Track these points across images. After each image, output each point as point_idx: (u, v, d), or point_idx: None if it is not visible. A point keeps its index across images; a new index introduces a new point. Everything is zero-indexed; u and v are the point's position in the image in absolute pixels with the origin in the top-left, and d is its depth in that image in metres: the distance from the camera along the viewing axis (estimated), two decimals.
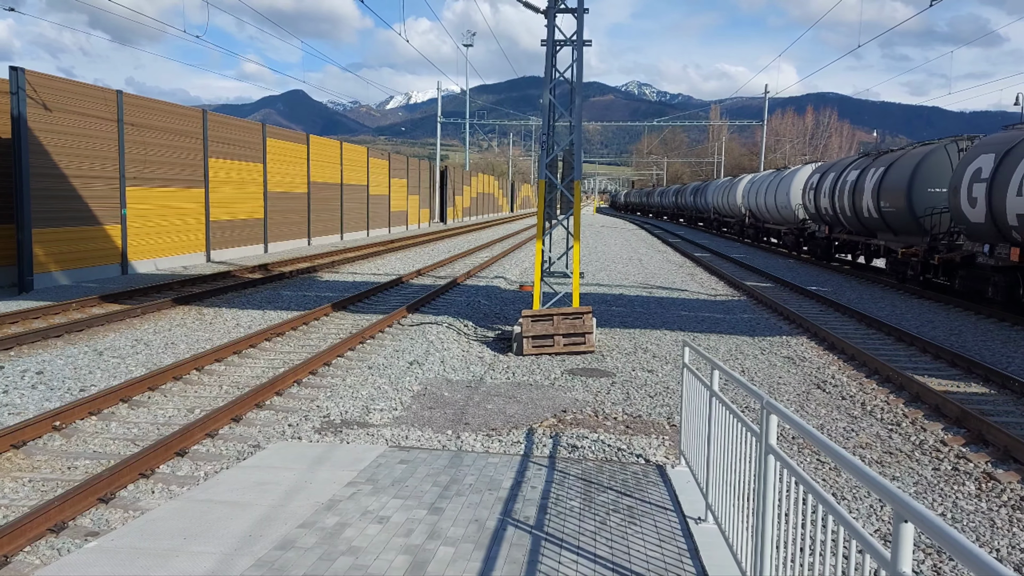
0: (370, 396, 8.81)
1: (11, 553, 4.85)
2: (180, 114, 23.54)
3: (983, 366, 10.44)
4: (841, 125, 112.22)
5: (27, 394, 8.67)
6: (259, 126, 28.95)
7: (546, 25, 12.54)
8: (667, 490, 5.78)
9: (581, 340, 11.45)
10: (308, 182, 32.98)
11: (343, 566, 4.36)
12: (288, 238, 31.17)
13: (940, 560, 5.10)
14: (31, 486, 6.11)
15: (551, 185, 12.82)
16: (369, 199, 41.19)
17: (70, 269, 18.54)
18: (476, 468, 6.18)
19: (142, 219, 21.47)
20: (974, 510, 6.04)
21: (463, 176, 69.27)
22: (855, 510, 5.95)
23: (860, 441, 7.77)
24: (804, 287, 19.99)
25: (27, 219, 16.94)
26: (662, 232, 51.93)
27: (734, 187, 44.29)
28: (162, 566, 4.31)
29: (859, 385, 9.98)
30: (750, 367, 11.02)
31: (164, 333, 12.48)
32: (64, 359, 10.37)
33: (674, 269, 25.74)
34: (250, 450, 7.01)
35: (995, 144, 16.10)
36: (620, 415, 8.39)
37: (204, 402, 8.59)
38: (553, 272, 14.05)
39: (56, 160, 18.07)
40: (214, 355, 10.38)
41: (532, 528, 4.98)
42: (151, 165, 21.87)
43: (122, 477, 6.02)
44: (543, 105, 12.74)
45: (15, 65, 16.89)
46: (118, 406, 8.24)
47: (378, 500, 5.40)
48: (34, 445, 6.96)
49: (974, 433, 7.79)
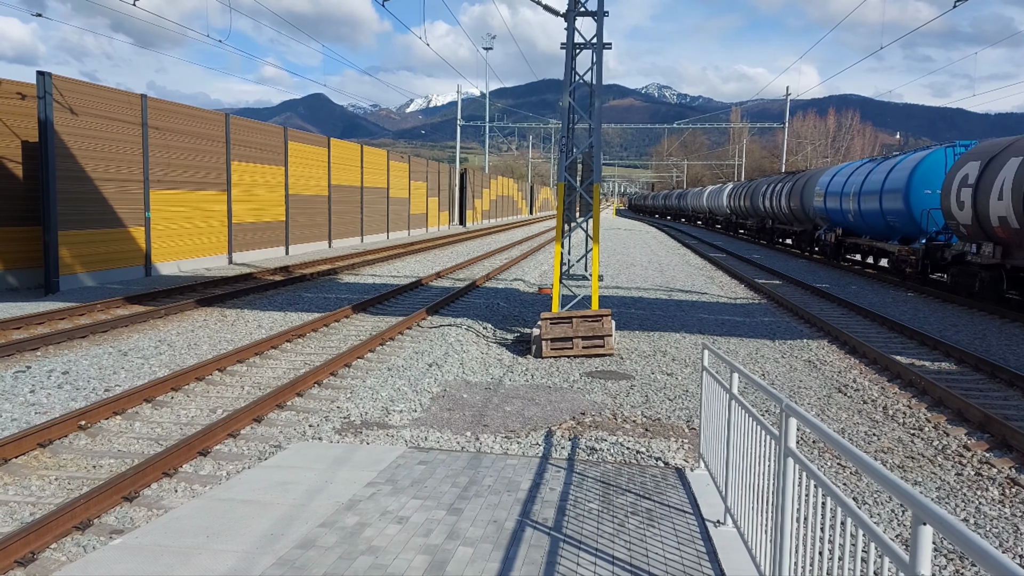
0: (390, 397, 8.86)
1: (38, 550, 4.94)
2: (203, 118, 23.79)
3: (1007, 370, 10.31)
4: (864, 127, 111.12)
5: (53, 393, 8.81)
6: (280, 129, 29.19)
7: (565, 28, 12.56)
8: (686, 493, 5.77)
9: (600, 343, 11.44)
10: (329, 185, 33.20)
11: (363, 565, 4.39)
12: (309, 240, 31.38)
13: (963, 566, 5.06)
14: (57, 484, 6.21)
15: (570, 188, 12.83)
16: (389, 202, 41.39)
17: (95, 271, 18.79)
18: (495, 469, 6.20)
19: (165, 221, 21.72)
20: (997, 515, 5.98)
21: (482, 179, 69.40)
22: (876, 515, 5.91)
23: (882, 445, 7.71)
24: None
25: (53, 221, 17.19)
26: (682, 235, 51.77)
27: (736, 190, 46.57)
28: (185, 564, 4.37)
29: (881, 389, 9.90)
30: (770, 371, 10.96)
31: (187, 334, 12.62)
32: (89, 359, 10.52)
33: (693, 272, 25.64)
34: (271, 450, 7.08)
35: (979, 153, 17.77)
36: (639, 418, 8.38)
37: (226, 402, 8.68)
38: (572, 275, 14.06)
39: (82, 163, 18.33)
40: (236, 356, 10.49)
41: (550, 529, 5.00)
42: (174, 168, 22.12)
43: (146, 476, 6.10)
44: (562, 108, 12.76)
45: (42, 70, 17.17)
46: (142, 406, 8.35)
47: (398, 500, 5.44)
48: (60, 444, 7.07)
49: (998, 438, 7.71)
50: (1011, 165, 15.64)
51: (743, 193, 46.97)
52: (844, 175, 27.85)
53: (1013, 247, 15.88)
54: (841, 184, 27.46)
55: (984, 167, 16.87)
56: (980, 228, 16.88)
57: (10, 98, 17.39)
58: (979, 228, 16.93)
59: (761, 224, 43.57)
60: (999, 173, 16.00)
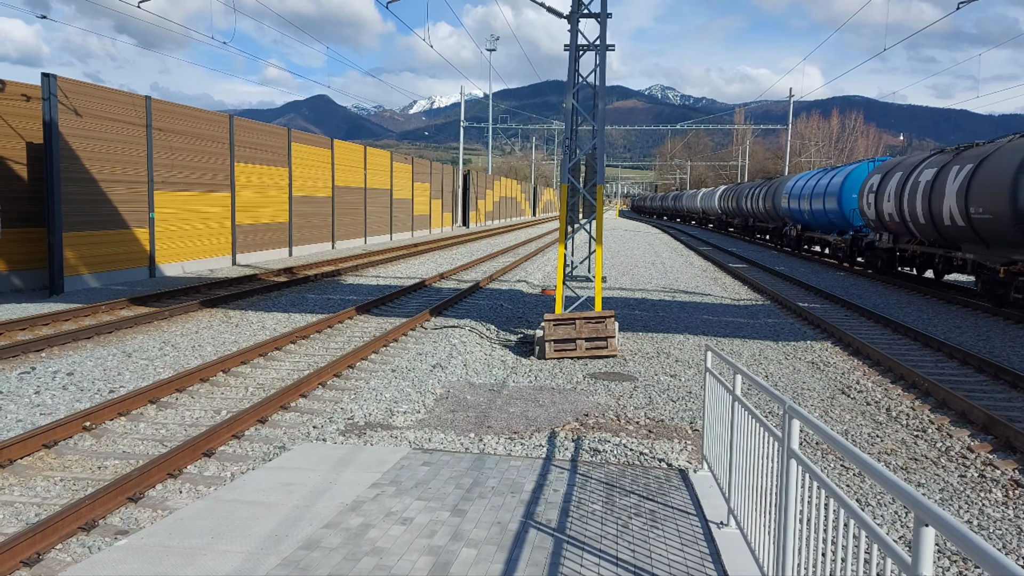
0: (393, 399, 8.88)
1: (43, 550, 4.96)
2: (207, 119, 23.85)
3: (1011, 372, 10.29)
4: (867, 128, 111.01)
5: (58, 395, 8.84)
6: (284, 131, 29.24)
7: (569, 30, 12.57)
8: (689, 494, 5.78)
9: (603, 344, 11.45)
10: (332, 186, 33.26)
11: (367, 566, 4.41)
12: (313, 242, 31.43)
13: (966, 567, 5.06)
14: (62, 485, 6.23)
15: (573, 189, 12.84)
16: (392, 203, 41.44)
17: (100, 272, 18.84)
18: (498, 471, 6.21)
19: (169, 223, 21.77)
20: (1001, 517, 5.98)
21: (486, 180, 69.44)
22: (879, 516, 5.91)
23: (885, 447, 7.71)
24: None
25: (58, 223, 17.25)
26: (681, 234, 51.82)
27: (712, 193, 56.57)
28: (190, 564, 4.39)
29: (884, 391, 9.90)
30: (774, 372, 10.96)
31: (191, 335, 12.65)
32: (94, 360, 10.55)
33: (696, 273, 25.63)
34: (276, 451, 7.10)
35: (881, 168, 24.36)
36: (642, 419, 8.38)
37: (230, 403, 8.71)
38: (575, 276, 14.07)
39: (86, 165, 18.39)
40: (240, 357, 10.52)
41: (554, 531, 5.01)
42: (178, 169, 22.18)
43: (151, 477, 6.13)
44: (566, 110, 12.77)
45: (47, 71, 17.23)
46: (146, 407, 8.38)
47: (401, 501, 5.46)
48: (65, 445, 7.09)
49: (1001, 440, 7.70)
50: (897, 177, 22.25)
51: (730, 196, 53.50)
52: (803, 182, 34.30)
53: (899, 236, 23.02)
54: (800, 189, 33.96)
55: (881, 178, 23.54)
56: (880, 222, 23.72)
57: (15, 100, 17.45)
58: (879, 222, 23.77)
59: (745, 222, 50.03)
60: (889, 183, 22.68)
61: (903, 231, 22.12)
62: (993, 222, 16.37)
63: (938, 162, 20.06)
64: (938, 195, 18.98)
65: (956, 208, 17.92)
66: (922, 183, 20.10)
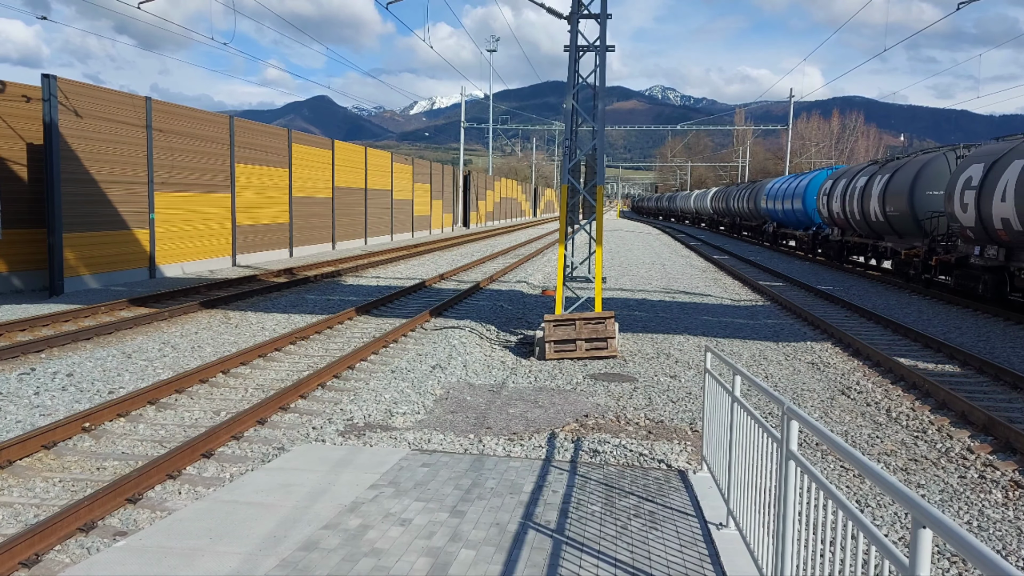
0: (393, 400, 8.88)
1: (42, 551, 4.96)
2: (207, 120, 23.86)
3: (1011, 373, 10.29)
4: (868, 129, 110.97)
5: (57, 396, 8.84)
6: (284, 132, 29.25)
7: (569, 31, 12.57)
8: (688, 495, 5.78)
9: (603, 345, 11.45)
10: (333, 187, 33.27)
11: (366, 567, 4.41)
12: (313, 242, 31.44)
13: (965, 569, 5.05)
14: (61, 486, 6.23)
15: (573, 190, 12.84)
16: (393, 204, 41.45)
17: (99, 273, 18.85)
18: (498, 472, 6.21)
19: (169, 223, 21.78)
20: (1001, 518, 5.97)
21: (486, 181, 69.45)
22: (879, 518, 5.90)
23: (885, 448, 7.71)
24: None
25: (58, 223, 17.26)
26: (679, 234, 51.97)
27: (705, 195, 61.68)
28: (189, 565, 4.39)
29: (884, 392, 9.89)
30: (774, 373, 10.95)
31: (191, 336, 12.65)
32: (93, 361, 10.55)
33: (696, 274, 25.63)
34: (275, 452, 7.09)
35: (835, 175, 29.36)
36: (642, 420, 8.38)
37: (230, 404, 8.71)
38: (575, 277, 14.07)
39: (86, 165, 18.39)
40: (240, 358, 10.52)
41: (553, 532, 5.00)
42: (179, 170, 22.19)
43: (150, 478, 6.12)
44: (566, 110, 12.77)
45: (47, 72, 17.24)
46: (146, 408, 8.38)
47: (400, 503, 5.45)
48: (64, 446, 7.09)
49: (1001, 441, 7.69)
50: (843, 183, 27.66)
51: (720, 197, 58.84)
52: (778, 185, 39.40)
53: (845, 230, 28.39)
54: (775, 192, 39.05)
55: (832, 183, 29.18)
56: (831, 219, 29.30)
57: (15, 101, 17.46)
58: (831, 219, 29.37)
59: (733, 221, 54.99)
60: (837, 187, 28.15)
61: (847, 226, 27.67)
62: (900, 218, 22.34)
63: (869, 171, 25.88)
64: (867, 197, 24.61)
65: (878, 208, 23.60)
66: (858, 188, 25.65)
